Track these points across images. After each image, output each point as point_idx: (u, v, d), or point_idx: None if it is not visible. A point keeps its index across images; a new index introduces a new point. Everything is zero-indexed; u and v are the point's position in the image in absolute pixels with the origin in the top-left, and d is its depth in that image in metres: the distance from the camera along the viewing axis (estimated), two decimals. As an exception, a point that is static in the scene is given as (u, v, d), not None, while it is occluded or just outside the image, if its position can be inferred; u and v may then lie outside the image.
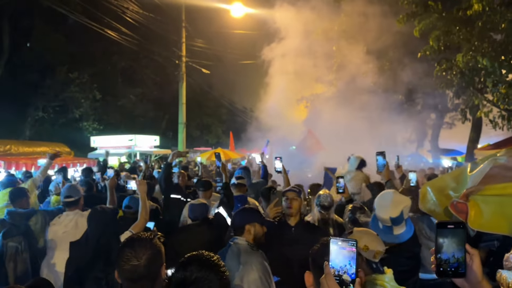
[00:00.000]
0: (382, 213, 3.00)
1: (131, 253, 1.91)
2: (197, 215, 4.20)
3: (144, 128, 26.04)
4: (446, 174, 3.85)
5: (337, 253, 1.41)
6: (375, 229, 3.05)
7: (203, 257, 1.64)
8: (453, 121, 26.52)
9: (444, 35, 10.27)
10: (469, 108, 13.01)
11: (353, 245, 1.40)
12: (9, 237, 4.33)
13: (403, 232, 2.98)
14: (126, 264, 1.90)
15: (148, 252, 1.92)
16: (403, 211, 2.97)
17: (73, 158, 14.56)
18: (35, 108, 22.60)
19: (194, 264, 1.58)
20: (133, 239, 1.99)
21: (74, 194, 4.40)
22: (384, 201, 3.06)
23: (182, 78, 20.74)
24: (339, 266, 1.40)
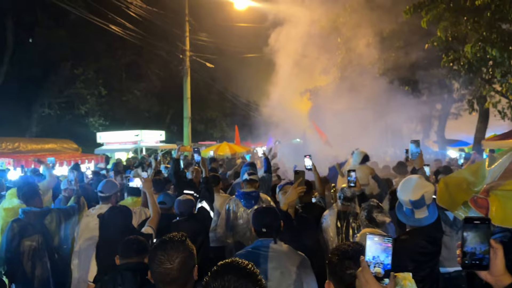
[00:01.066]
0: (403, 196, 3.04)
1: (163, 256, 1.92)
2: (183, 211, 4.31)
3: (149, 123, 26.08)
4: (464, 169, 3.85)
5: (373, 249, 1.48)
6: (398, 212, 3.14)
7: (239, 266, 1.57)
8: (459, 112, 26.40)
9: (452, 25, 10.19)
10: (477, 98, 12.94)
11: (389, 241, 1.48)
12: (26, 236, 4.36)
13: (425, 216, 2.99)
14: (159, 267, 1.91)
15: (181, 255, 1.93)
16: (424, 196, 2.98)
17: (81, 154, 14.60)
18: (40, 105, 22.67)
19: (231, 273, 1.51)
20: (165, 242, 1.98)
21: (106, 191, 4.61)
22: (407, 185, 3.09)
23: (186, 72, 20.69)
24: (374, 260, 1.48)
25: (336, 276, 1.83)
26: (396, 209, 3.20)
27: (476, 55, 9.55)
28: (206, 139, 33.40)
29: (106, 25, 17.84)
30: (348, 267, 1.81)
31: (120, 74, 26.77)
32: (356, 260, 1.77)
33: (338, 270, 1.82)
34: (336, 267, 1.84)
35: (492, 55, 9.10)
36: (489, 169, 3.23)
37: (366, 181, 6.84)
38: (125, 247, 2.86)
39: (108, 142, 21.00)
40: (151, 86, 28.52)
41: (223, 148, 20.90)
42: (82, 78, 22.64)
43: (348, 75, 17.82)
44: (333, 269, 1.86)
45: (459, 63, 10.90)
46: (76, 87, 22.57)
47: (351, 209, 4.50)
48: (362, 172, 6.93)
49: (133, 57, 26.66)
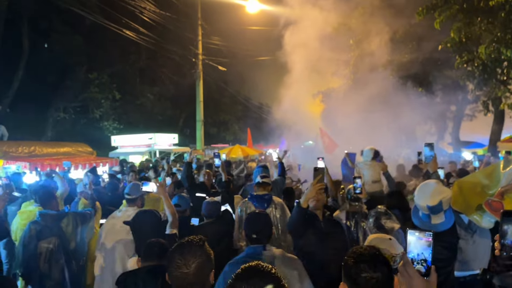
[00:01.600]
0: (421, 201, 3.02)
1: (180, 260, 1.93)
2: (211, 213, 4.41)
3: (162, 127, 26.29)
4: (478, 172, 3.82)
5: (415, 244, 1.51)
6: (414, 216, 3.12)
7: (264, 270, 1.57)
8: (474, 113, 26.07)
9: (465, 26, 10.12)
10: (492, 99, 12.78)
11: (430, 236, 1.51)
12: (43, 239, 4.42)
13: (442, 222, 2.99)
14: (176, 271, 1.93)
15: (198, 260, 1.94)
16: (442, 202, 2.97)
17: (95, 157, 14.79)
18: (56, 109, 23.01)
19: (256, 277, 1.52)
20: (183, 245, 2.00)
21: (133, 193, 4.68)
22: (425, 190, 3.07)
23: (198, 76, 20.83)
24: (416, 255, 1.51)
25: (350, 279, 1.84)
26: (412, 214, 3.19)
27: (491, 56, 9.46)
28: (219, 142, 33.52)
29: (120, 30, 18.07)
30: (363, 270, 1.81)
31: (134, 78, 27.05)
32: (371, 264, 1.81)
33: (353, 273, 1.83)
34: (351, 270, 1.85)
35: (506, 56, 9.00)
36: (503, 171, 3.21)
37: (378, 178, 6.86)
38: (147, 250, 2.90)
39: (122, 146, 21.22)
40: (164, 90, 28.76)
41: (236, 151, 20.94)
42: (97, 82, 22.94)
43: (360, 76, 17.75)
44: (348, 272, 1.86)
45: (473, 64, 10.80)
46: (91, 91, 22.88)
47: (359, 209, 4.55)
48: (374, 168, 6.95)
49: (146, 61, 26.93)
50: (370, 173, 6.90)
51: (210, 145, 30.17)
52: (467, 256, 3.99)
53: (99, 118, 24.19)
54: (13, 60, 20.83)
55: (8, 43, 20.47)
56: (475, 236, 3.93)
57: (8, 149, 11.94)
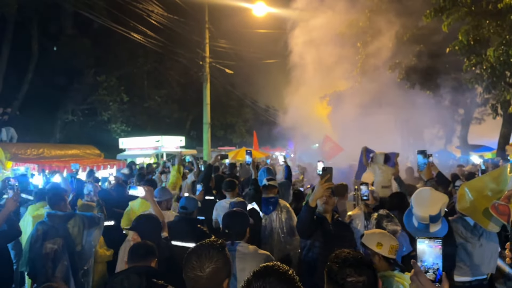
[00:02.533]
0: (421, 211, 2.99)
1: (196, 262, 1.91)
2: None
3: (169, 129, 26.39)
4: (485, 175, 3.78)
5: (424, 252, 1.51)
6: (408, 226, 3.11)
7: (281, 270, 1.62)
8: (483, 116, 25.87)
9: (474, 29, 10.05)
10: (500, 103, 12.68)
11: (440, 243, 1.49)
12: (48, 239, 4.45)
13: (439, 229, 3.00)
14: (190, 272, 1.92)
15: (213, 266, 1.91)
16: (441, 209, 2.97)
17: (103, 160, 14.88)
18: (64, 111, 23.20)
19: (273, 276, 1.56)
20: (202, 247, 1.98)
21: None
22: (422, 199, 3.05)
23: (206, 79, 20.88)
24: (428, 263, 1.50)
25: (336, 285, 1.83)
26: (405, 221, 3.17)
27: (499, 58, 9.39)
28: (226, 145, 33.59)
29: (128, 33, 18.18)
30: (349, 274, 1.80)
31: (141, 81, 27.19)
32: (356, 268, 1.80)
33: (339, 278, 1.82)
34: (337, 275, 1.83)
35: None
36: (510, 175, 3.18)
37: (388, 183, 6.81)
38: (132, 251, 2.94)
39: (130, 148, 21.35)
40: (171, 93, 28.88)
41: (242, 154, 20.96)
42: (105, 85, 23.10)
43: (368, 79, 17.69)
44: (333, 277, 1.84)
45: (482, 67, 10.72)
46: (99, 94, 23.05)
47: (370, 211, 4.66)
48: (385, 173, 6.89)
49: (154, 64, 27.07)
50: (380, 178, 6.85)
51: (217, 148, 30.24)
52: (474, 259, 3.93)
53: (107, 120, 24.34)
54: (22, 63, 21.06)
55: (18, 46, 20.69)
56: (482, 239, 3.88)
57: (17, 151, 12.06)
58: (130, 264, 2.87)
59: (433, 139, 30.68)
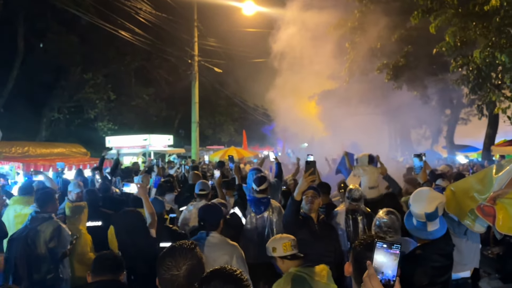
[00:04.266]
0: (418, 209, 3.01)
1: (171, 262, 1.91)
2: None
3: (157, 128, 26.23)
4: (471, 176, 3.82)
5: (382, 255, 1.49)
6: (408, 226, 3.13)
7: (226, 272, 1.62)
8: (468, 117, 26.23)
9: (461, 30, 10.15)
10: (486, 104, 12.84)
11: (397, 248, 1.48)
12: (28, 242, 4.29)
13: (437, 229, 2.99)
14: (166, 273, 1.90)
15: (188, 263, 1.91)
16: (438, 207, 2.98)
17: (89, 158, 14.72)
18: (50, 109, 22.90)
19: (217, 279, 1.55)
20: (174, 248, 1.98)
21: (206, 188, 5.35)
22: (420, 197, 3.06)
23: (194, 77, 20.79)
24: (382, 267, 1.47)
25: (356, 262, 2.00)
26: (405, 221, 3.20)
27: (485, 60, 9.49)
28: (214, 144, 33.50)
29: (116, 30, 18.00)
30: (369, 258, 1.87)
31: (129, 79, 26.95)
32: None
33: (359, 258, 1.97)
34: (358, 255, 2.01)
35: (501, 60, 9.03)
36: (496, 176, 3.21)
37: (375, 184, 6.83)
38: (98, 263, 2.70)
39: (116, 147, 21.11)
40: (159, 91, 28.70)
41: (231, 153, 20.93)
42: (92, 83, 22.85)
43: (356, 80, 17.79)
44: (355, 256, 2.03)
45: (468, 68, 10.84)
46: (86, 91, 22.78)
47: (358, 208, 4.89)
48: (371, 173, 6.92)
49: (142, 62, 26.85)
50: (367, 178, 6.88)
51: (206, 147, 30.15)
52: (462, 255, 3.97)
53: (93, 118, 24.10)
54: (8, 60, 20.71)
55: (4, 42, 20.34)
56: (467, 234, 3.98)
57: (1, 149, 11.87)
58: (95, 278, 2.62)
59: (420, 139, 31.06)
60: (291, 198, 3.65)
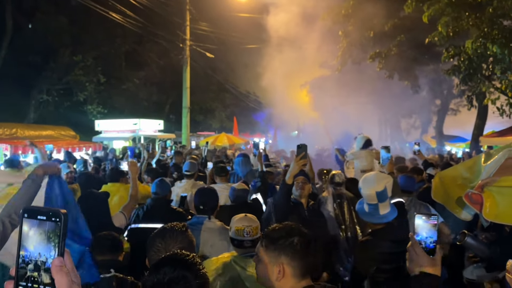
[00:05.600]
0: (367, 189, 3.10)
1: (161, 244, 1.90)
2: (237, 199, 4.49)
3: (147, 112, 26.01)
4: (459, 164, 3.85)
5: (422, 226, 1.68)
6: (362, 212, 3.22)
7: (177, 257, 1.54)
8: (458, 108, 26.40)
9: (453, 20, 10.15)
10: (476, 94, 12.91)
11: (435, 219, 1.68)
12: None
13: (389, 212, 3.06)
14: (155, 255, 1.89)
15: (178, 245, 1.89)
16: (387, 187, 3.06)
17: (78, 141, 14.59)
18: (39, 91, 22.57)
19: (167, 266, 1.46)
20: (165, 230, 1.97)
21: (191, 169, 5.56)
22: (368, 179, 3.19)
23: (186, 62, 20.58)
24: (423, 236, 1.68)
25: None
26: (358, 210, 3.28)
27: (477, 51, 9.52)
28: (205, 130, 33.38)
29: (107, 12, 17.71)
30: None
31: (119, 62, 26.62)
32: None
33: None
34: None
35: (492, 52, 9.07)
36: (484, 165, 3.24)
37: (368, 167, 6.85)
38: (97, 243, 2.72)
39: (106, 130, 20.96)
40: (150, 75, 28.38)
41: (221, 139, 20.91)
42: (81, 65, 22.52)
43: (348, 68, 17.76)
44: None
45: (460, 59, 10.86)
46: (75, 74, 22.44)
47: (342, 192, 4.94)
48: (365, 157, 6.95)
49: (133, 45, 26.51)
50: (359, 162, 6.89)
51: (196, 133, 30.04)
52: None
53: (83, 101, 23.81)
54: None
55: (-9, 22, 19.95)
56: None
57: (-12, 130, 11.71)
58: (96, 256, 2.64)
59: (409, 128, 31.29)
60: (282, 182, 3.66)
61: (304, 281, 1.77)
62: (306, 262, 1.77)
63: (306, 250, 1.78)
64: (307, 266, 1.77)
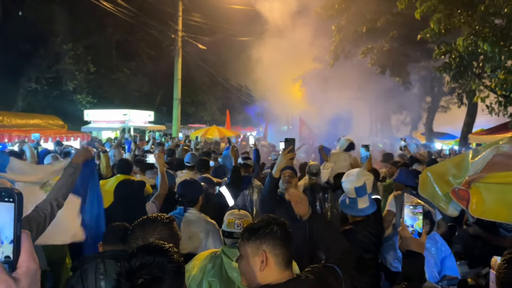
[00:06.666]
0: (348, 184, 3.36)
1: (139, 232, 1.89)
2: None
3: (138, 103, 25.80)
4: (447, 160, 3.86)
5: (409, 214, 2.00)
6: (343, 204, 3.50)
7: (151, 245, 1.50)
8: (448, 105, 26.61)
9: (446, 18, 10.15)
10: (466, 92, 12.98)
11: (421, 208, 1.99)
12: None
13: (367, 206, 3.32)
14: (133, 242, 1.88)
15: (156, 236, 1.87)
16: (366, 183, 3.31)
17: (66, 131, 14.44)
18: (28, 79, 22.25)
19: (144, 251, 1.44)
20: (146, 220, 1.95)
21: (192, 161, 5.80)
22: (350, 175, 3.45)
23: (177, 53, 20.43)
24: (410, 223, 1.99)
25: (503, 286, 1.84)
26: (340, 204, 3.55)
27: (468, 48, 9.53)
28: (196, 122, 33.23)
29: (97, 0, 17.47)
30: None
31: (110, 52, 26.31)
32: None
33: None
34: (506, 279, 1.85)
35: (483, 50, 9.09)
36: (472, 161, 3.25)
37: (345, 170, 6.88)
38: (110, 233, 2.76)
39: (95, 120, 20.78)
40: (141, 66, 28.12)
41: (212, 132, 20.83)
42: (71, 54, 22.23)
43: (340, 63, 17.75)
44: (502, 280, 1.83)
45: (451, 56, 10.88)
46: (65, 62, 22.16)
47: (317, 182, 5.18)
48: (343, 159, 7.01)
49: (124, 35, 26.21)
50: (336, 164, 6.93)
51: (187, 125, 29.90)
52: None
53: (72, 91, 23.52)
54: (-17, 26, 19.93)
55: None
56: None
57: (-26, 118, 11.52)
58: (107, 247, 2.69)
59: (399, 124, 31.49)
60: (269, 176, 3.63)
61: (287, 271, 1.79)
62: (288, 251, 1.80)
63: (286, 238, 1.81)
64: (288, 255, 1.81)
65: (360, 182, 3.28)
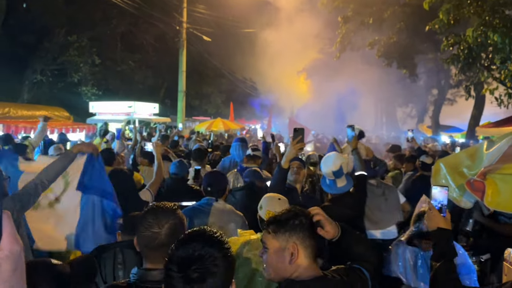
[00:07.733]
0: (326, 169, 3.78)
1: (153, 219, 1.86)
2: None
3: (143, 95, 25.75)
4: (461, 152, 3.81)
5: (437, 194, 2.22)
6: (324, 184, 3.93)
7: (206, 233, 1.49)
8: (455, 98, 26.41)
9: (455, 8, 10.02)
10: (474, 84, 12.85)
11: (447, 190, 2.24)
12: None
13: (345, 185, 3.77)
14: (146, 230, 1.84)
15: (171, 221, 1.86)
16: (342, 166, 3.73)
17: (72, 123, 14.44)
18: (33, 71, 22.24)
19: (196, 241, 1.43)
20: (156, 207, 1.94)
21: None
22: (327, 159, 3.85)
23: (182, 45, 20.36)
24: (437, 201, 2.20)
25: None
26: (321, 182, 3.95)
27: (477, 39, 9.41)
28: (200, 115, 33.16)
29: (102, -8, 17.40)
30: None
31: (115, 44, 26.22)
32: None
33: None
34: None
35: (493, 41, 8.97)
36: (487, 152, 3.19)
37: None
38: (129, 223, 2.75)
39: (100, 112, 20.75)
40: (146, 58, 28.03)
41: (217, 124, 20.79)
42: (76, 45, 22.16)
43: (346, 55, 17.62)
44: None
45: (459, 48, 10.75)
46: (70, 54, 22.10)
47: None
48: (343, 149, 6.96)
49: (129, 27, 26.09)
50: None
51: (192, 117, 29.87)
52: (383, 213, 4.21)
53: (77, 82, 23.49)
54: (-12, 18, 19.93)
55: (-16, 0, 19.52)
56: (386, 193, 4.33)
57: (-20, 109, 11.55)
58: (126, 237, 2.69)
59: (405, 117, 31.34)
60: (278, 166, 3.60)
61: (315, 263, 1.79)
62: (315, 242, 1.81)
63: (313, 229, 1.82)
64: (316, 247, 1.81)
65: (336, 166, 3.68)
